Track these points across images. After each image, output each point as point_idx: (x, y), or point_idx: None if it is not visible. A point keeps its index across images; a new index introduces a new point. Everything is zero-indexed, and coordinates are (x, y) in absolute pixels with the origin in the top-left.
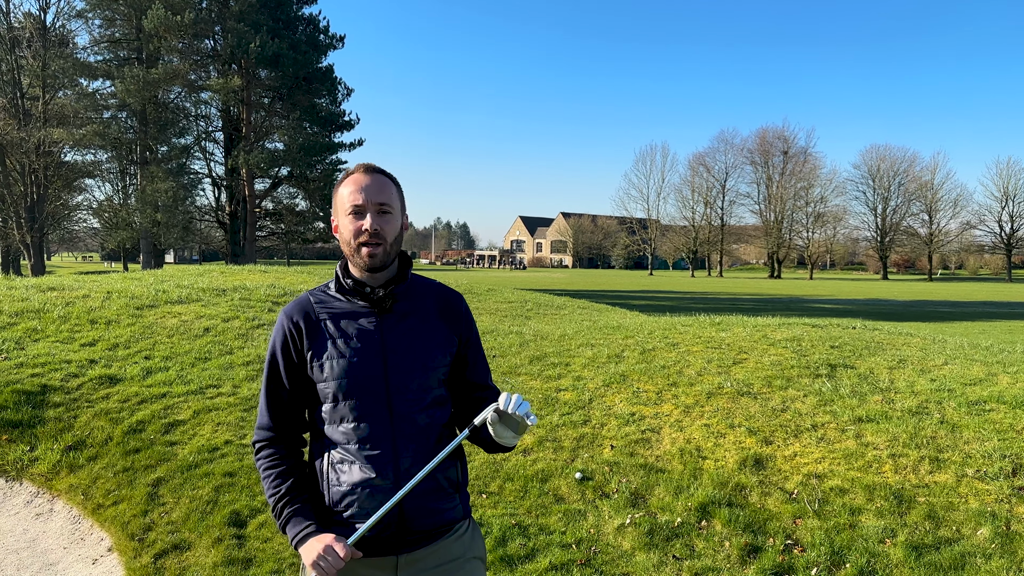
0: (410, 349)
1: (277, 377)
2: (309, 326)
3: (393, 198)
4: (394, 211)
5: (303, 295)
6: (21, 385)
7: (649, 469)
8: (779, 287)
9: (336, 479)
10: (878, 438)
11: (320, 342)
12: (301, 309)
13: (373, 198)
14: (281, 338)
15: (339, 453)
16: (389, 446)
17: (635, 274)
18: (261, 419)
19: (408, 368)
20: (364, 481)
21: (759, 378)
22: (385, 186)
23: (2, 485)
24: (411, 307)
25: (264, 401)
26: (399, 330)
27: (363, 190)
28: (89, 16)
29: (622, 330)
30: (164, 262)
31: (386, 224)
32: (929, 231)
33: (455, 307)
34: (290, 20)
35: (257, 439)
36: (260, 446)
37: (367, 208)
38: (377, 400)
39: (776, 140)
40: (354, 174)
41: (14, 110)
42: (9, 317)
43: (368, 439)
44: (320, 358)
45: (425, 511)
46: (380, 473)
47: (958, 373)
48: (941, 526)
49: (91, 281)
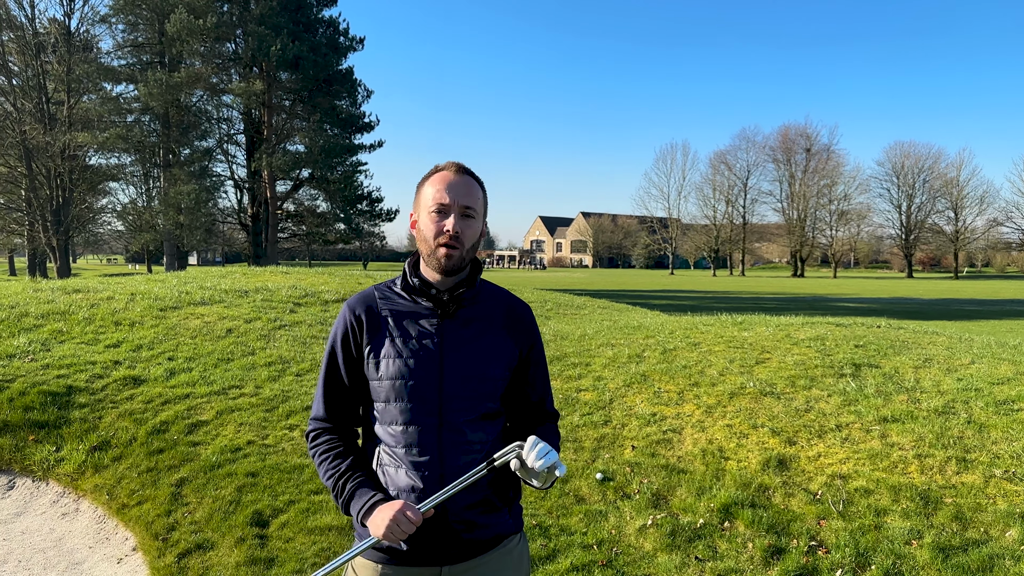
0: (469, 357)
1: (335, 369)
2: (371, 320)
3: (479, 202)
4: (477, 215)
5: (368, 289)
6: (47, 386)
7: (671, 470)
8: (802, 286)
9: (384, 480)
10: (904, 438)
11: (379, 339)
12: (364, 303)
13: (459, 199)
14: (343, 330)
15: (387, 455)
16: (436, 454)
17: (656, 273)
18: (317, 410)
19: (464, 377)
20: (409, 487)
21: (782, 378)
22: (472, 188)
23: (29, 485)
24: (476, 314)
25: (321, 392)
26: (461, 336)
27: (450, 189)
28: (113, 21)
29: (642, 330)
30: (187, 264)
31: (468, 228)
32: (955, 228)
33: (522, 318)
34: (310, 23)
35: (312, 428)
36: (316, 434)
37: (452, 209)
38: (428, 406)
39: (798, 137)
40: (443, 171)
41: (40, 115)
42: (35, 319)
43: (416, 444)
44: (377, 355)
45: (472, 525)
46: (425, 481)
47: (985, 372)
48: (968, 527)
49: (115, 283)
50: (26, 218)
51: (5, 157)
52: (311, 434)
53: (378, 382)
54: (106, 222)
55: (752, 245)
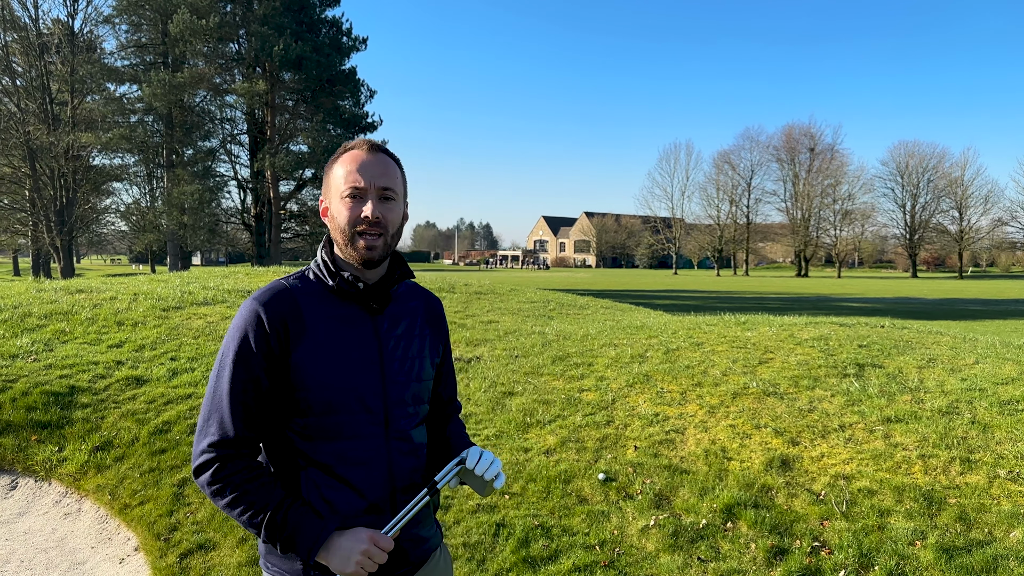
0: (406, 358)
1: (249, 380)
2: (293, 321)
3: (398, 183)
4: (398, 198)
5: (278, 284)
6: (50, 386)
7: (673, 470)
8: (806, 286)
9: (318, 508)
10: (907, 438)
11: (305, 342)
12: (282, 301)
13: (376, 181)
14: (256, 332)
15: (324, 476)
16: (386, 467)
17: (659, 273)
18: (221, 430)
19: (405, 380)
20: (358, 509)
21: (785, 378)
22: (390, 168)
23: (32, 485)
24: (401, 310)
25: (228, 408)
26: (394, 336)
27: (364, 170)
28: (116, 21)
29: (646, 330)
30: (191, 264)
31: (389, 212)
32: (959, 228)
33: (439, 312)
34: (313, 23)
35: (217, 455)
36: (224, 460)
37: (369, 192)
38: (374, 415)
39: (802, 137)
40: (353, 150)
41: (43, 115)
42: (38, 319)
43: (364, 459)
44: (305, 362)
45: (419, 540)
46: (378, 499)
47: (990, 372)
48: (973, 528)
49: (118, 283)
50: (30, 218)
51: (9, 158)
52: (216, 462)
53: (309, 391)
54: (110, 222)
55: (756, 245)
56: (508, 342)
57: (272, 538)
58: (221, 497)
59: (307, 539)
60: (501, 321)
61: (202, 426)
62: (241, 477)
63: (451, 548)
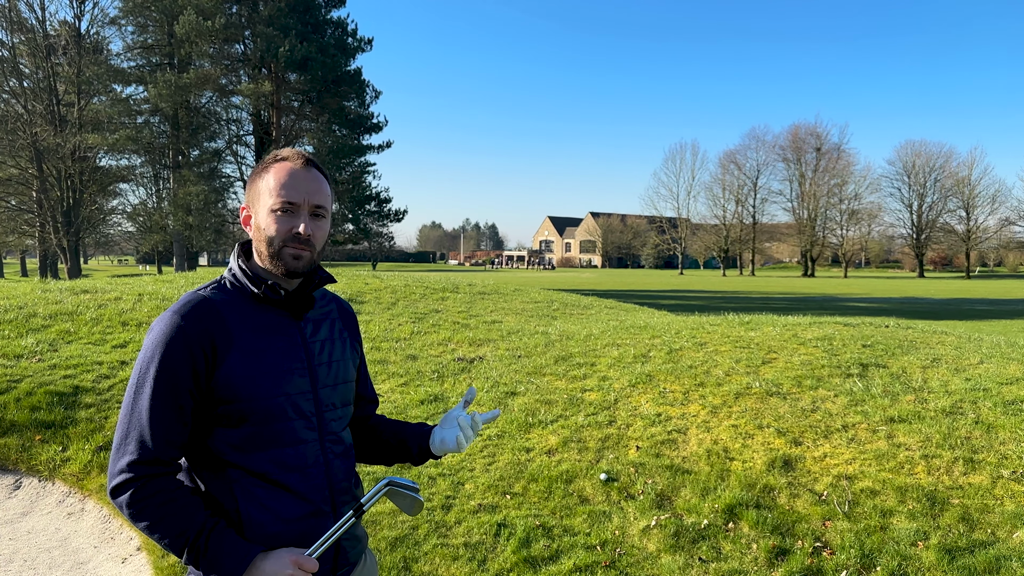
0: (331, 362)
1: (174, 394)
2: (219, 335)
3: (329, 200)
4: (327, 215)
5: (196, 296)
6: (54, 386)
7: (675, 470)
8: (812, 286)
9: (259, 517)
10: (910, 439)
11: (234, 353)
12: (205, 314)
13: (311, 198)
14: (180, 344)
15: (260, 486)
16: (323, 470)
17: (665, 273)
18: (141, 448)
19: (333, 383)
20: (303, 513)
21: (788, 378)
22: (323, 185)
23: (35, 484)
24: (320, 315)
25: (148, 424)
26: (319, 341)
27: (299, 186)
28: (122, 23)
29: (649, 330)
30: (197, 265)
31: (319, 229)
32: (966, 227)
33: (351, 315)
34: (319, 24)
35: (138, 474)
36: (146, 479)
37: (302, 208)
38: (308, 421)
39: (809, 136)
40: (287, 162)
41: (50, 116)
42: (43, 319)
43: (303, 465)
44: (235, 374)
45: (357, 540)
46: (319, 500)
47: (994, 372)
48: (975, 529)
49: (123, 284)
50: (37, 219)
51: (16, 159)
52: (136, 482)
53: (242, 404)
54: (116, 223)
55: (762, 245)
56: (511, 342)
57: (194, 562)
58: (140, 520)
59: (229, 564)
60: (504, 321)
61: (119, 444)
62: (161, 498)
63: (452, 548)
